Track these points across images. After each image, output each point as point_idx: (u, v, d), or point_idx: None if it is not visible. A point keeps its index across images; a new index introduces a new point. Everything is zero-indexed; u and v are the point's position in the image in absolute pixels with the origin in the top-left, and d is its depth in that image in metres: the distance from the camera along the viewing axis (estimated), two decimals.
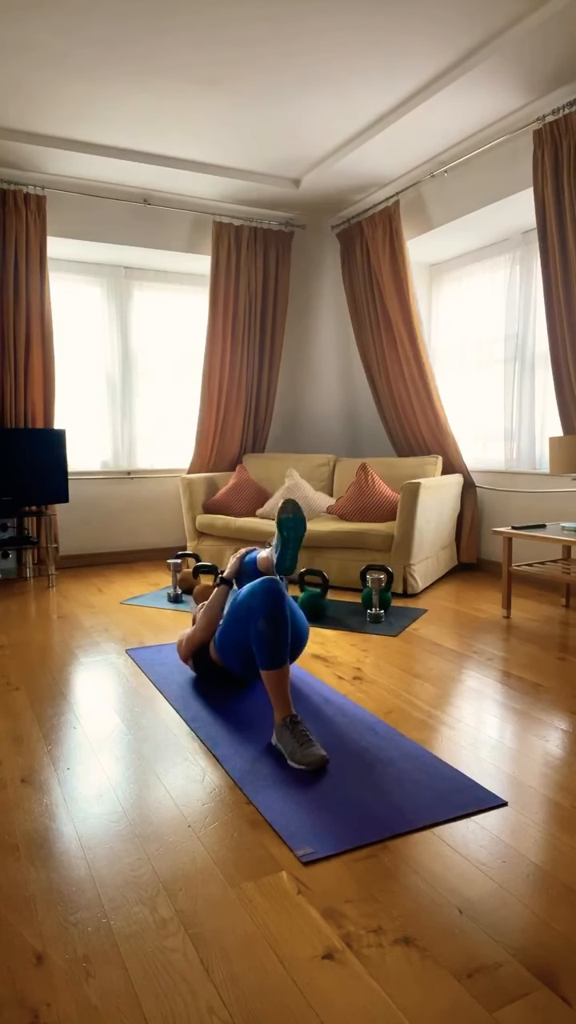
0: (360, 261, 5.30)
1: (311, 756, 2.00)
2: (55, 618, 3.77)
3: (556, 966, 1.26)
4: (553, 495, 4.40)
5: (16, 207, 4.59)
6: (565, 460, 3.45)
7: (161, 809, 1.81)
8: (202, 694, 2.62)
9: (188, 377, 5.75)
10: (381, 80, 3.57)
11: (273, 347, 5.57)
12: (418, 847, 1.63)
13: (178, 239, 5.24)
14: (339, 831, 1.69)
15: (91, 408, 5.42)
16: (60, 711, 2.49)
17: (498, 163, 4.23)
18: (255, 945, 1.32)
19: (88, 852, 1.63)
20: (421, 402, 5.00)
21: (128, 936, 1.35)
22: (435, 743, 2.20)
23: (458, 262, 5.33)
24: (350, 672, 2.88)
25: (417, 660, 3.02)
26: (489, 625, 3.56)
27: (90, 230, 4.95)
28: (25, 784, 1.96)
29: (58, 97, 3.74)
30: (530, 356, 4.75)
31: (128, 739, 2.25)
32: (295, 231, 5.71)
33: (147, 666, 2.95)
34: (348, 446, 6.00)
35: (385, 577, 3.69)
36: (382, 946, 1.32)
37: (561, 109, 3.64)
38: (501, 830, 1.70)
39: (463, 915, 1.40)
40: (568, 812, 1.78)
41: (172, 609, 3.96)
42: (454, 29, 3.15)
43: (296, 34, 3.17)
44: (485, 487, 4.93)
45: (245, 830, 1.71)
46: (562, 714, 2.42)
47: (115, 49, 3.28)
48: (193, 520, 5.03)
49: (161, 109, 3.87)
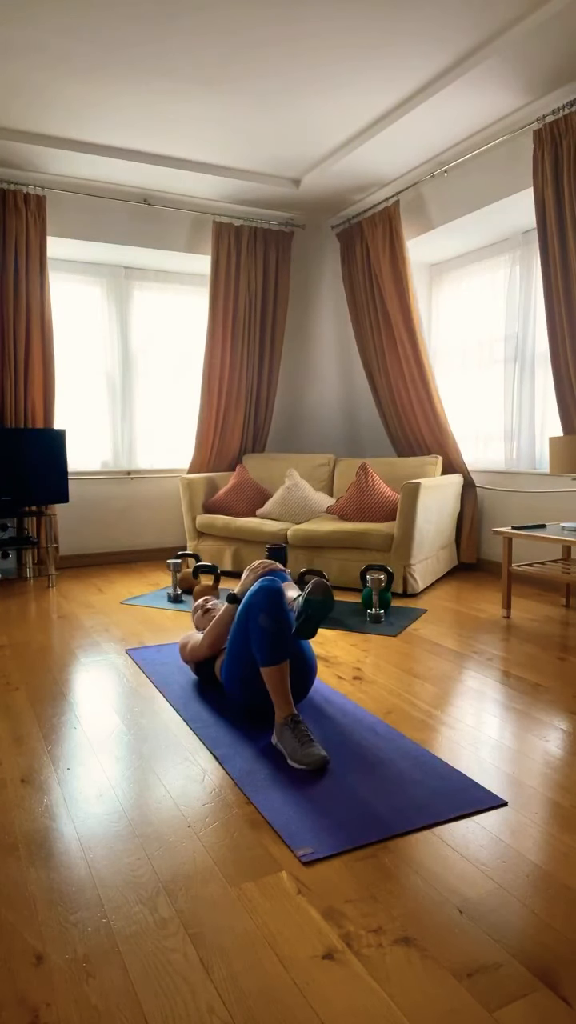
0: (360, 261, 5.30)
1: (311, 756, 1.99)
2: (55, 618, 3.77)
3: (556, 966, 1.26)
4: (553, 495, 4.40)
5: (16, 207, 4.59)
6: (565, 460, 3.45)
7: (161, 809, 1.81)
8: (202, 694, 2.62)
9: (188, 377, 5.75)
10: (381, 80, 3.57)
11: (273, 347, 5.57)
12: (418, 847, 1.63)
13: (178, 239, 5.24)
14: (339, 831, 1.69)
15: (91, 408, 5.42)
16: (60, 711, 2.49)
17: (498, 163, 4.23)
18: (255, 945, 1.32)
19: (88, 852, 1.63)
20: (421, 402, 5.00)
21: (128, 936, 1.35)
22: (435, 743, 2.20)
23: (458, 262, 5.33)
24: (350, 672, 2.88)
25: (417, 660, 3.02)
26: (489, 625, 3.56)
27: (90, 230, 4.95)
28: (25, 784, 1.96)
29: (59, 97, 3.74)
30: (530, 356, 4.75)
31: (128, 739, 2.25)
32: (295, 231, 5.71)
33: (147, 666, 2.95)
34: (348, 446, 6.00)
35: (385, 577, 3.69)
36: (382, 946, 1.32)
37: (561, 109, 3.64)
38: (501, 830, 1.70)
39: (463, 915, 1.40)
40: (568, 812, 1.78)
41: (172, 609, 3.96)
42: (454, 29, 3.15)
43: (296, 35, 3.17)
44: (485, 487, 4.93)
45: (245, 830, 1.71)
46: (562, 714, 2.42)
47: (115, 50, 3.29)
48: (193, 520, 5.03)
49: (161, 109, 3.87)
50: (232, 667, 2.35)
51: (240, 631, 2.30)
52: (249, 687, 2.32)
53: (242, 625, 2.29)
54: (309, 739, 2.05)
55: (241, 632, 2.30)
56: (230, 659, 2.36)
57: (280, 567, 2.45)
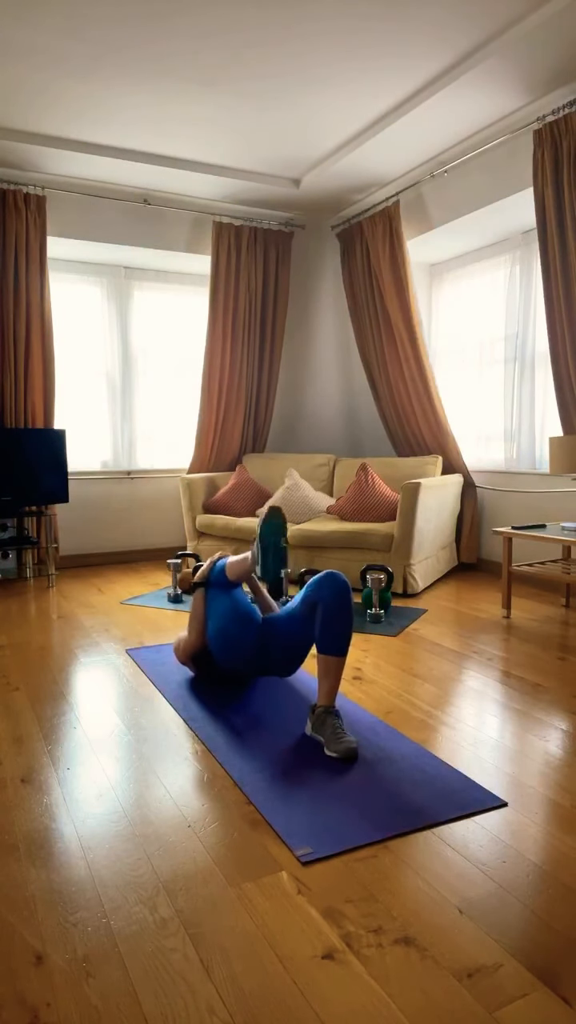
0: (360, 261, 5.30)
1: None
2: (55, 618, 3.77)
3: (556, 966, 1.26)
4: (553, 495, 4.40)
5: (16, 207, 4.59)
6: (565, 460, 3.45)
7: (161, 809, 1.81)
8: (201, 694, 2.62)
9: (188, 377, 5.75)
10: (381, 80, 3.57)
11: (273, 347, 5.57)
12: (418, 847, 1.63)
13: (178, 239, 5.24)
14: (339, 831, 1.69)
15: (91, 408, 5.42)
16: (60, 711, 2.49)
17: (498, 163, 4.23)
18: (255, 945, 1.32)
19: (88, 852, 1.63)
20: (421, 402, 5.00)
21: (128, 936, 1.35)
22: (435, 743, 2.20)
23: (458, 262, 5.33)
24: (350, 672, 2.87)
25: (417, 660, 3.02)
26: (489, 625, 3.56)
27: (90, 230, 4.94)
28: (25, 784, 1.96)
29: (59, 97, 3.74)
30: (530, 356, 4.75)
31: (128, 739, 2.25)
32: (295, 231, 5.71)
33: (147, 666, 2.95)
34: (348, 446, 6.00)
35: (385, 577, 3.69)
36: (382, 946, 1.32)
37: (561, 109, 3.64)
38: (501, 830, 1.70)
39: (463, 915, 1.40)
40: (568, 812, 1.78)
41: (172, 609, 3.96)
42: (454, 29, 3.15)
43: (296, 35, 3.17)
44: (485, 487, 4.93)
45: (245, 830, 1.71)
46: (562, 714, 2.42)
47: (115, 50, 3.28)
48: (193, 520, 5.03)
49: (161, 109, 3.87)
50: (224, 642, 2.52)
51: (214, 606, 2.57)
52: (233, 648, 2.48)
53: (214, 600, 2.58)
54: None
55: (214, 607, 2.57)
56: (220, 633, 2.53)
57: (227, 553, 2.80)
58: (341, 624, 2.22)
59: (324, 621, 2.22)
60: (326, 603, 2.23)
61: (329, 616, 2.22)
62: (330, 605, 2.23)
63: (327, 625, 2.22)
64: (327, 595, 2.24)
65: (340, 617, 2.22)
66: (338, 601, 2.23)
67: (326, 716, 2.18)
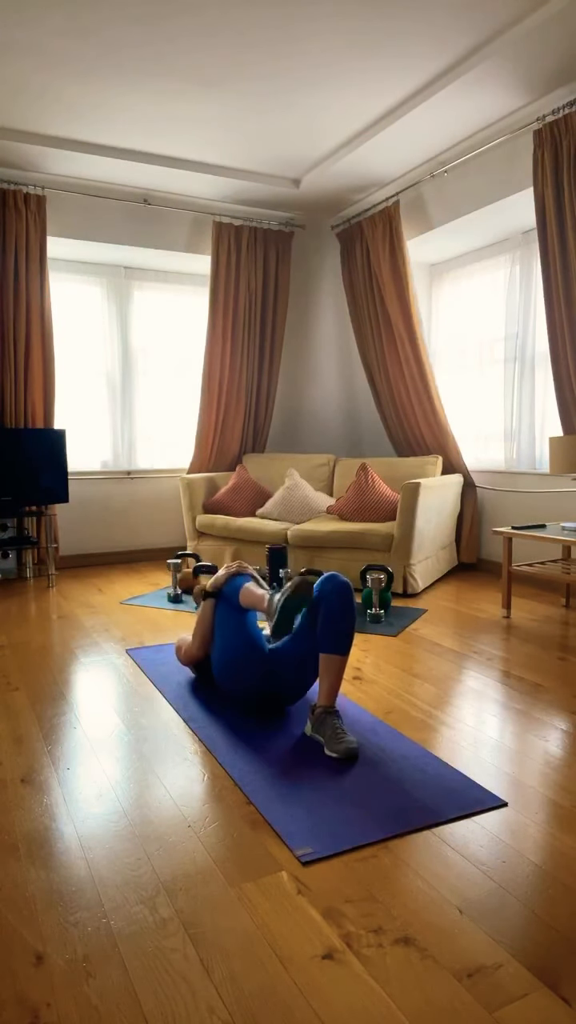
0: (360, 261, 5.30)
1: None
2: (55, 618, 3.77)
3: (556, 966, 1.26)
4: (553, 495, 4.40)
5: (16, 207, 4.59)
6: (565, 460, 3.45)
7: (161, 809, 1.81)
8: (202, 694, 2.62)
9: (188, 377, 5.75)
10: (381, 80, 3.57)
11: (273, 347, 5.57)
12: (418, 847, 1.63)
13: (178, 239, 5.24)
14: (339, 831, 1.69)
15: (91, 408, 5.42)
16: (60, 711, 2.49)
17: (498, 163, 4.23)
18: (255, 945, 1.32)
19: (88, 852, 1.63)
20: (421, 402, 5.00)
21: (128, 936, 1.35)
22: (435, 743, 2.20)
23: (458, 262, 5.33)
24: (350, 672, 2.87)
25: (417, 660, 3.02)
26: (489, 625, 3.56)
27: (90, 230, 4.94)
28: (25, 784, 1.96)
29: (59, 98, 3.74)
30: (530, 356, 4.75)
31: (128, 739, 2.25)
32: (295, 231, 5.71)
33: (147, 666, 2.95)
34: (348, 446, 6.00)
35: (385, 577, 3.69)
36: (382, 946, 1.32)
37: (561, 109, 3.64)
38: (501, 830, 1.70)
39: (463, 915, 1.40)
40: (568, 812, 1.78)
41: (172, 609, 3.96)
42: (454, 30, 3.15)
43: (296, 35, 3.17)
44: (485, 487, 4.93)
45: (245, 830, 1.71)
46: (562, 714, 2.42)
47: (115, 50, 3.28)
48: (193, 520, 5.03)
49: (161, 109, 3.87)
50: (218, 658, 2.44)
51: (222, 622, 2.44)
52: (234, 676, 2.39)
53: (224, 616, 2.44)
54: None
55: (222, 623, 2.44)
56: (217, 651, 2.45)
57: (249, 569, 2.59)
58: (343, 623, 2.21)
59: (326, 620, 2.22)
60: (328, 601, 2.23)
61: (331, 614, 2.22)
62: (332, 604, 2.22)
63: (329, 623, 2.21)
64: (329, 594, 2.24)
65: (342, 616, 2.22)
66: (340, 600, 2.22)
67: (326, 716, 2.18)
